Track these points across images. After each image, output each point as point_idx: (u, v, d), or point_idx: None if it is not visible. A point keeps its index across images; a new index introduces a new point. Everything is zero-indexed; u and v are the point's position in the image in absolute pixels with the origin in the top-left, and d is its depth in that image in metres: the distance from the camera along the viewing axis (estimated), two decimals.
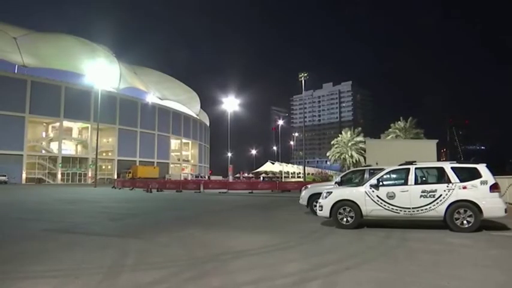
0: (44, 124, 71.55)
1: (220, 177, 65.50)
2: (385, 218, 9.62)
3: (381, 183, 9.54)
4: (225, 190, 32.32)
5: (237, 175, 70.17)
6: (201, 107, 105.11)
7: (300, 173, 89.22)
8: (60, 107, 66.94)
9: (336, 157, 75.49)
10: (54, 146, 70.83)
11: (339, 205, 9.74)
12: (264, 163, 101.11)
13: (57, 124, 69.81)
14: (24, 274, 5.37)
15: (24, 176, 63.24)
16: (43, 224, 11.05)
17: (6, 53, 66.59)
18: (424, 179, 9.62)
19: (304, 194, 13.73)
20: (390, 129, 67.59)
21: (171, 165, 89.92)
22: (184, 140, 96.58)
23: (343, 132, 77.32)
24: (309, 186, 14.56)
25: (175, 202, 21.47)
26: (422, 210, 9.11)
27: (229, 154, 60.67)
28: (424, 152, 21.15)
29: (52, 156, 69.06)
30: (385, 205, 9.35)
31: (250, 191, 31.31)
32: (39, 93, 64.03)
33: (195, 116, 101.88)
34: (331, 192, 10.05)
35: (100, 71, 57.06)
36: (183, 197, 26.42)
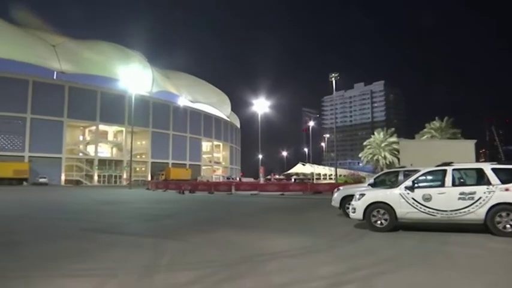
0: (81, 128, 74.12)
1: (251, 179, 65.63)
2: (421, 221, 9.35)
3: (416, 185, 9.28)
4: (256, 192, 32.34)
5: (268, 177, 70.06)
6: (231, 109, 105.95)
7: (331, 174, 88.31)
8: (96, 111, 69.21)
9: (369, 158, 74.16)
10: (90, 149, 73.36)
11: (373, 207, 9.56)
12: (295, 165, 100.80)
13: (94, 128, 72.23)
14: (65, 272, 5.57)
15: (63, 177, 65.67)
16: (82, 224, 11.42)
17: (46, 60, 69.58)
18: (462, 180, 9.27)
19: (337, 196, 13.55)
20: (425, 129, 65.69)
21: (203, 167, 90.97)
22: (215, 142, 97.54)
23: (375, 133, 75.86)
24: (341, 188, 14.37)
25: (208, 204, 21.67)
26: (460, 213, 8.79)
27: (260, 156, 60.76)
28: (462, 153, 20.44)
29: (89, 158, 71.45)
30: (420, 207, 9.09)
31: (281, 192, 31.17)
32: (76, 98, 66.46)
33: (226, 118, 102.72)
34: (364, 194, 9.87)
35: (134, 76, 58.54)
36: (215, 198, 26.64)
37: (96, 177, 70.27)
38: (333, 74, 46.37)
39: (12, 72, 62.40)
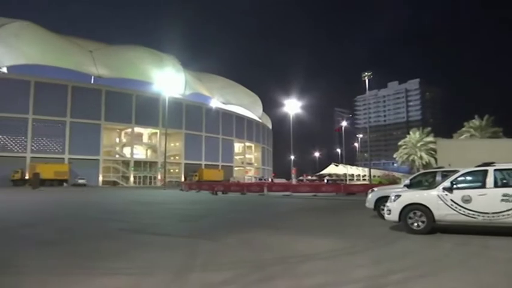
0: (118, 130, 76.34)
1: (283, 180, 65.48)
2: (460, 223, 9.01)
3: (455, 186, 8.95)
4: (288, 193, 32.23)
5: (301, 177, 69.67)
6: (263, 111, 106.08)
7: (365, 175, 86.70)
8: (131, 114, 71.08)
9: (404, 158, 72.30)
10: (126, 151, 75.41)
11: (409, 209, 9.30)
12: (328, 165, 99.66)
13: (129, 130, 74.23)
14: (103, 270, 5.73)
15: (100, 179, 67.82)
16: (118, 224, 11.74)
17: (84, 65, 72.26)
18: (505, 181, 8.84)
19: (371, 197, 13.29)
20: (464, 128, 63.37)
21: (235, 168, 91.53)
22: (247, 143, 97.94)
23: (411, 133, 73.89)
24: (375, 188, 14.10)
25: (240, 204, 21.78)
26: (503, 215, 8.39)
27: (292, 157, 60.53)
28: (504, 153, 19.49)
29: (125, 160, 73.46)
30: (460, 209, 8.76)
31: (314, 193, 30.89)
32: (112, 101, 68.58)
33: (258, 119, 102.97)
34: (400, 196, 9.62)
35: (167, 79, 59.75)
36: (247, 199, 26.74)
37: (132, 178, 72.14)
38: (366, 73, 45.59)
39: (52, 78, 65.52)
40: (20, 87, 60.89)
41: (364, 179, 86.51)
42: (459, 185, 8.98)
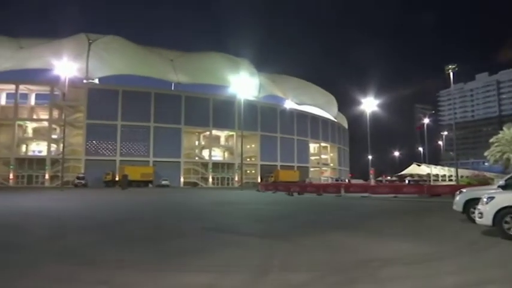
0: (197, 133, 79.75)
1: (361, 181, 63.52)
2: None
3: None
4: (366, 194, 31.15)
5: (379, 178, 67.02)
6: (338, 110, 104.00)
7: (451, 175, 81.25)
8: (209, 118, 73.92)
9: (497, 157, 66.10)
10: (205, 153, 78.52)
11: (505, 212, 8.44)
12: (409, 165, 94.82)
13: (207, 133, 77.25)
14: (187, 267, 5.98)
15: (182, 180, 71.38)
16: (201, 223, 12.20)
17: (165, 73, 76.85)
18: None
19: (459, 199, 12.31)
20: None
21: (311, 169, 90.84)
22: (323, 144, 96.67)
23: (504, 128, 67.36)
24: (463, 190, 13.04)
25: (317, 205, 21.53)
26: None
27: (370, 156, 58.50)
28: None
29: (204, 162, 76.48)
30: None
31: (394, 195, 29.51)
32: (191, 106, 71.95)
33: (333, 119, 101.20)
34: (494, 198, 8.77)
35: (242, 83, 61.15)
36: (323, 200, 26.35)
37: (210, 179, 74.85)
38: (450, 66, 42.56)
39: (137, 86, 70.81)
40: (109, 96, 66.47)
41: (450, 180, 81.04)
42: None
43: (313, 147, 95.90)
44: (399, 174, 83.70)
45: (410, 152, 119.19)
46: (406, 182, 58.34)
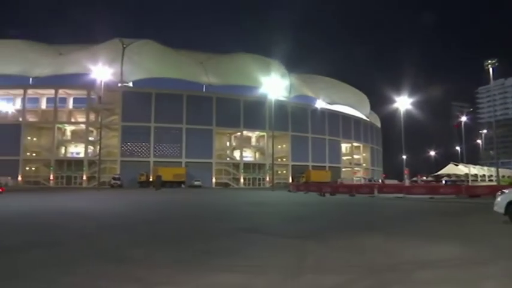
0: (228, 134, 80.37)
1: (395, 181, 62.11)
2: None
3: None
4: (401, 195, 30.42)
5: (414, 178, 65.21)
6: (371, 109, 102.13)
7: (491, 175, 78.09)
8: (240, 119, 74.38)
9: None
10: (236, 154, 79.03)
11: None
12: (446, 165, 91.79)
13: (238, 134, 77.73)
14: (220, 267, 6.03)
15: (213, 180, 72.15)
16: (233, 223, 12.30)
17: (196, 75, 77.92)
18: None
19: (501, 200, 11.81)
20: None
21: (343, 169, 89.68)
22: (355, 144, 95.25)
23: None
24: (506, 190, 12.50)
25: (350, 206, 21.24)
26: None
27: (404, 156, 57.07)
28: None
29: (235, 162, 76.99)
30: None
31: (430, 196, 28.65)
32: (222, 107, 72.60)
33: (365, 118, 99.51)
34: None
35: (273, 83, 61.11)
36: (356, 201, 25.96)
37: (242, 180, 75.24)
38: (489, 61, 40.94)
39: (170, 88, 72.23)
40: (143, 99, 68.12)
41: (490, 180, 77.90)
42: None
43: (345, 147, 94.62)
44: (435, 174, 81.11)
45: (447, 152, 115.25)
46: (443, 182, 56.59)
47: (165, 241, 8.78)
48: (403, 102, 51.53)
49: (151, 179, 61.17)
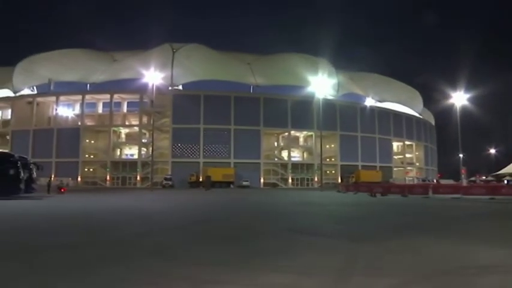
0: (275, 135, 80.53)
1: (451, 181, 59.22)
2: None
3: None
4: (458, 195, 28.93)
5: (473, 178, 61.83)
6: (424, 105, 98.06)
7: None
8: (287, 119, 74.26)
9: None
10: (284, 154, 79.01)
11: None
12: (508, 164, 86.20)
13: (286, 134, 77.65)
14: (269, 267, 6.00)
15: (261, 181, 72.52)
16: (280, 224, 12.24)
17: (243, 76, 78.84)
18: None
19: None
20: None
21: (394, 169, 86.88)
22: (407, 142, 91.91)
23: None
24: None
25: (402, 207, 20.50)
26: None
27: (461, 155, 54.30)
28: None
29: (283, 163, 76.96)
30: None
31: (490, 196, 27.01)
32: (270, 108, 72.84)
33: (418, 115, 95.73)
34: None
35: (320, 82, 60.40)
36: (409, 202, 25.01)
37: (290, 180, 75.03)
38: None
39: (218, 90, 73.63)
40: (192, 101, 69.90)
41: None
42: None
43: (396, 145, 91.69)
44: (496, 173, 76.40)
45: (508, 149, 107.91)
46: (505, 182, 53.24)
47: (213, 240, 8.91)
48: (459, 98, 49.03)
49: (201, 180, 62.56)
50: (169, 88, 71.47)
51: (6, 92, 79.27)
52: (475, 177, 65.45)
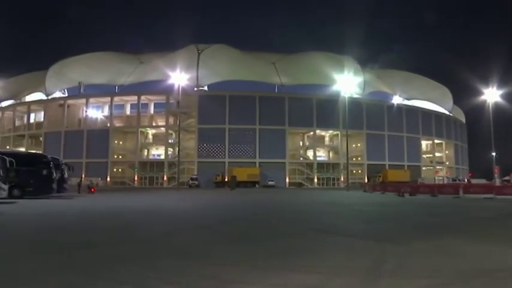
0: (301, 134, 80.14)
1: (483, 181, 57.34)
2: None
3: None
4: (490, 195, 27.99)
5: (506, 178, 59.64)
6: (454, 103, 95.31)
7: None
8: (312, 118, 73.72)
9: None
10: (309, 153, 78.50)
11: None
12: None
13: (311, 133, 77.13)
14: (294, 267, 5.97)
15: (287, 180, 72.31)
16: (307, 224, 12.20)
17: (268, 76, 78.82)
18: None
19: None
20: None
21: (423, 168, 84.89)
22: (436, 141, 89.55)
23: None
24: None
25: (431, 207, 20.01)
26: None
27: (494, 153, 52.49)
28: None
29: (308, 162, 76.48)
30: None
31: None
32: (295, 107, 72.58)
33: (448, 113, 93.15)
34: None
35: (346, 81, 59.64)
36: (439, 202, 24.38)
37: (315, 180, 74.49)
38: None
39: (242, 90, 73.79)
40: (217, 102, 70.48)
41: None
42: None
43: (425, 144, 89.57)
44: None
45: None
46: None
47: (239, 240, 8.94)
48: (492, 95, 47.45)
49: (226, 179, 62.94)
50: (195, 89, 72.20)
51: (39, 95, 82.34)
52: (509, 176, 63.08)
